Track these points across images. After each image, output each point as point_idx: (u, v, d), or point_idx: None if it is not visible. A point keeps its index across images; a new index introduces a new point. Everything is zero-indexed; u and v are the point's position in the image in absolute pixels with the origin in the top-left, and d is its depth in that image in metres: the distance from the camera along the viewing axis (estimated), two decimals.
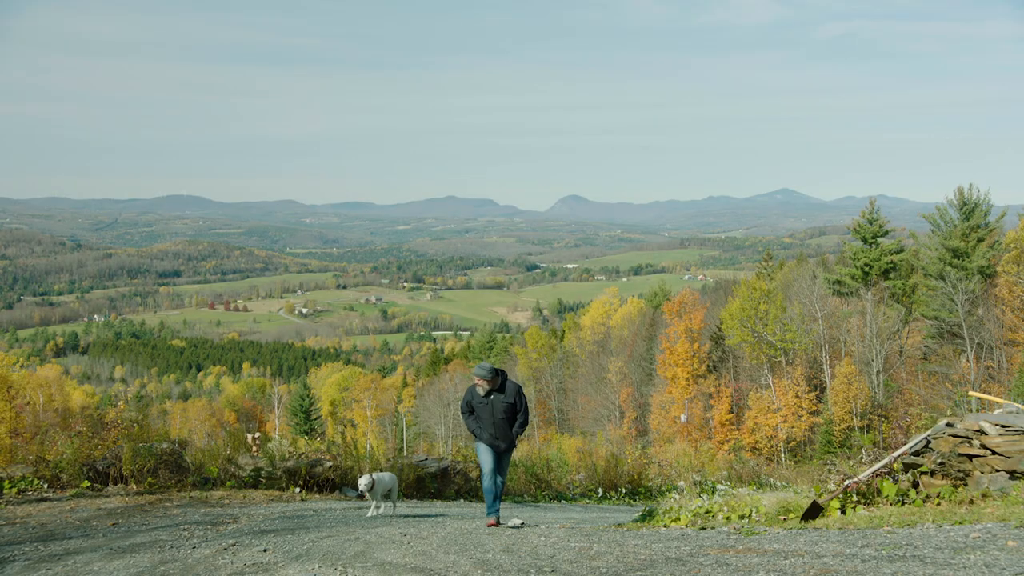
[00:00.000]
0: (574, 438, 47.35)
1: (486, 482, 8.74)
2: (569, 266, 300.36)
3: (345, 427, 58.10)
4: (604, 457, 16.83)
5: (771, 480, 16.06)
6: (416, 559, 5.87)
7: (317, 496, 10.47)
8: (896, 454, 7.93)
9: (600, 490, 14.90)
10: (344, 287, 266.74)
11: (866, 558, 5.09)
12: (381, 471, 10.60)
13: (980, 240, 35.98)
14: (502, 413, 8.72)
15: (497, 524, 8.44)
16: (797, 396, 37.91)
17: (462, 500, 12.03)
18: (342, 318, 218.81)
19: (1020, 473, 6.89)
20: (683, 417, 41.44)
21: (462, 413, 9.07)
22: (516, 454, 19.77)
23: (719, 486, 12.88)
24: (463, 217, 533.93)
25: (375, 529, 7.46)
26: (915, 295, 38.61)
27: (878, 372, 37.17)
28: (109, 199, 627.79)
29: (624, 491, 15.02)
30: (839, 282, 40.94)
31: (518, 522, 8.62)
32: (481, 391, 8.76)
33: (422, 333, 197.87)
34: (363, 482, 8.82)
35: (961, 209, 36.85)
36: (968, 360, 32.54)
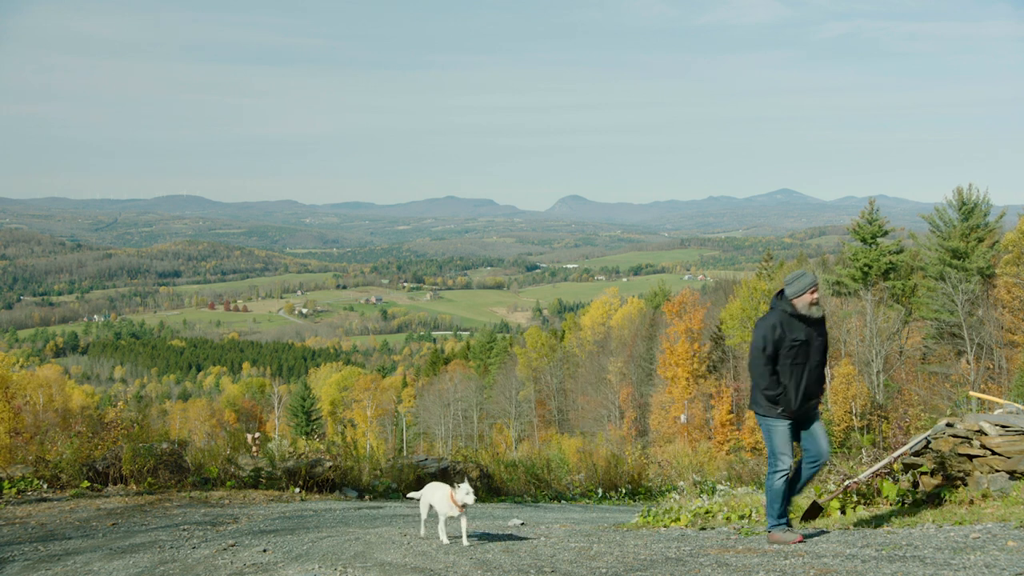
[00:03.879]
0: (574, 438, 47.36)
1: (776, 482, 5.68)
2: (569, 266, 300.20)
3: (345, 427, 58.14)
4: (604, 457, 16.80)
5: None
6: (416, 559, 5.86)
7: (317, 496, 10.47)
8: (896, 454, 7.93)
9: (600, 490, 14.88)
10: (344, 287, 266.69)
11: (866, 558, 5.09)
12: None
13: (980, 240, 35.99)
14: (819, 355, 5.67)
15: (803, 540, 5.64)
16: None
17: None
18: (342, 318, 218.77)
19: (1020, 473, 6.89)
20: (683, 417, 41.45)
21: (757, 367, 5.59)
22: (516, 454, 19.61)
23: (719, 486, 12.85)
24: (463, 217, 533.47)
25: (375, 529, 7.46)
26: (915, 296, 38.60)
27: (878, 372, 37.15)
28: (109, 199, 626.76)
29: (624, 491, 15.00)
30: (839, 283, 40.93)
31: (518, 522, 8.63)
32: (816, 311, 5.54)
33: (422, 333, 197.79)
34: (470, 493, 6.17)
35: (960, 209, 36.85)
36: (968, 361, 32.52)
